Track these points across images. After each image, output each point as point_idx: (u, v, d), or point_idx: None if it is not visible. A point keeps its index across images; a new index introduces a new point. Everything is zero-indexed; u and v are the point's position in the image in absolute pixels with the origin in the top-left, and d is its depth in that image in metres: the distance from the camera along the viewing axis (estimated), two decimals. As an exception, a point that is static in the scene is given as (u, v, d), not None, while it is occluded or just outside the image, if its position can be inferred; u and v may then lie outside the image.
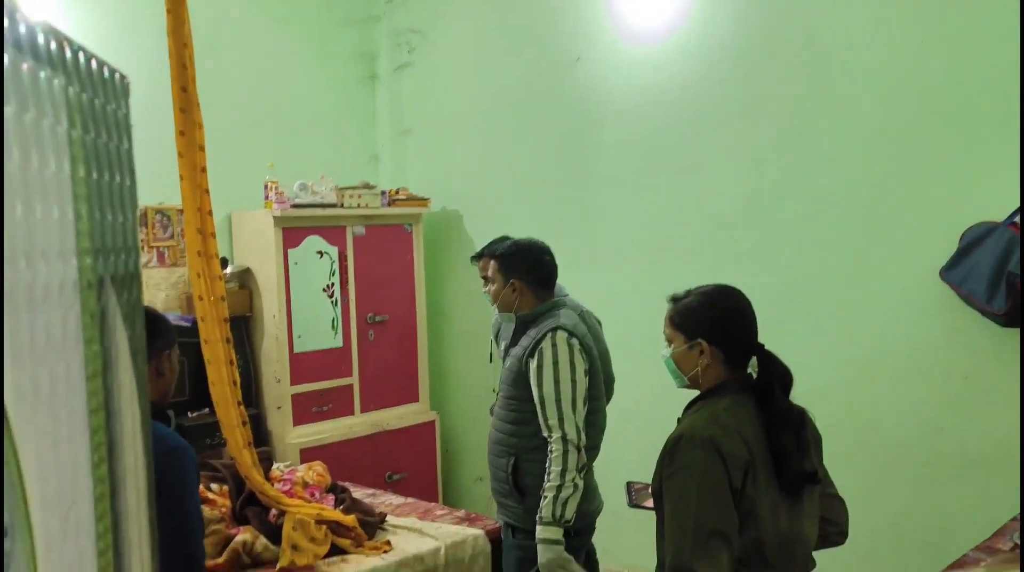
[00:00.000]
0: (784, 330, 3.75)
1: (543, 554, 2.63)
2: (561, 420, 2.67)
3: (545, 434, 2.72)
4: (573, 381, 2.70)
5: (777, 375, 1.97)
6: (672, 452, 1.85)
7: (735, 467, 1.81)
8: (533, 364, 2.75)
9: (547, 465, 2.68)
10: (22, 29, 0.63)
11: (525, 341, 2.84)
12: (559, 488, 2.64)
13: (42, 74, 0.64)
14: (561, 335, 2.74)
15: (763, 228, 3.83)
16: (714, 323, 2.00)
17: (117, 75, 0.84)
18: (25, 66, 0.62)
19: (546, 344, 2.74)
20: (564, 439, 2.66)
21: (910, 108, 3.38)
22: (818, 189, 3.65)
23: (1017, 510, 2.64)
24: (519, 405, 2.83)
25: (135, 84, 1.31)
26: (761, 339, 2.04)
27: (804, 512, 1.95)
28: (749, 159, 3.87)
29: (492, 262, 2.97)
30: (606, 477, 3.16)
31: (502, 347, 3.39)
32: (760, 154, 3.83)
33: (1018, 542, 2.33)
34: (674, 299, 2.09)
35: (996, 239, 3.04)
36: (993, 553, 2.33)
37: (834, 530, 2.09)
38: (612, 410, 3.10)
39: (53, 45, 0.68)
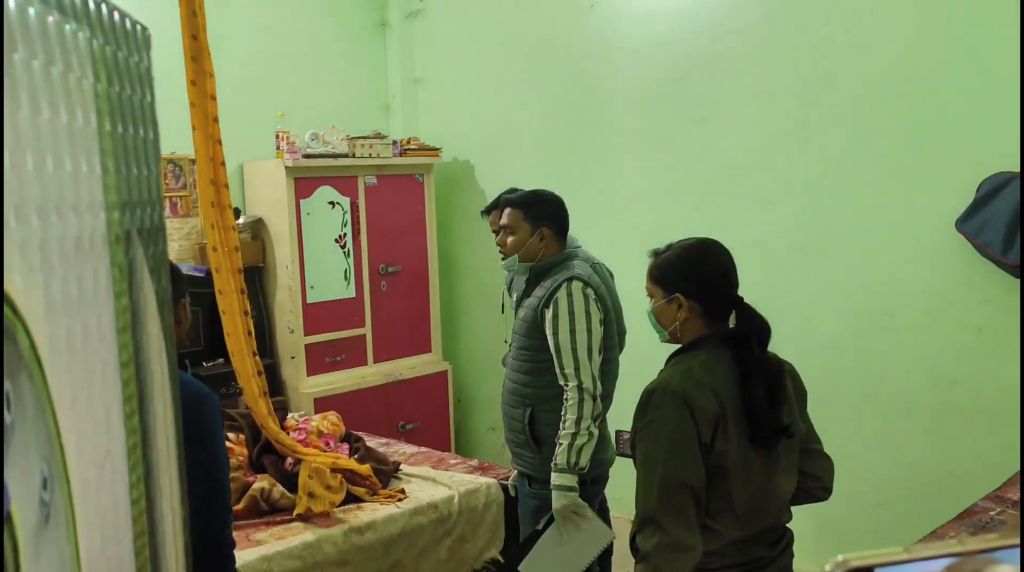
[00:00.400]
0: (798, 280, 3.77)
1: (557, 500, 2.66)
2: (577, 369, 2.69)
3: (561, 383, 2.73)
4: (589, 330, 2.71)
5: (754, 328, 1.97)
6: (645, 405, 1.89)
7: (704, 422, 1.84)
8: (548, 314, 2.75)
9: (562, 413, 2.70)
10: (46, -19, 0.63)
11: (539, 292, 2.84)
12: (574, 436, 2.66)
13: (67, 27, 0.64)
14: (576, 285, 2.74)
15: (777, 177, 3.80)
16: (691, 277, 2.01)
17: (139, 27, 0.84)
18: (51, 19, 0.62)
19: (561, 294, 2.74)
20: (580, 388, 2.67)
21: (930, 55, 3.33)
22: (834, 138, 3.62)
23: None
24: (534, 356, 2.83)
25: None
26: (775, 288, 2.05)
27: (779, 466, 1.96)
28: (764, 108, 3.83)
29: (515, 211, 2.94)
30: (616, 427, 3.19)
31: (514, 298, 3.40)
32: (775, 103, 3.78)
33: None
34: (654, 254, 2.10)
35: (1013, 190, 3.01)
36: (1003, 502, 2.35)
37: (816, 485, 2.09)
38: (623, 360, 3.11)
39: (77, -3, 0.68)
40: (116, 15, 0.77)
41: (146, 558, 0.78)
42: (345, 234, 4.76)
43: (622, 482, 3.40)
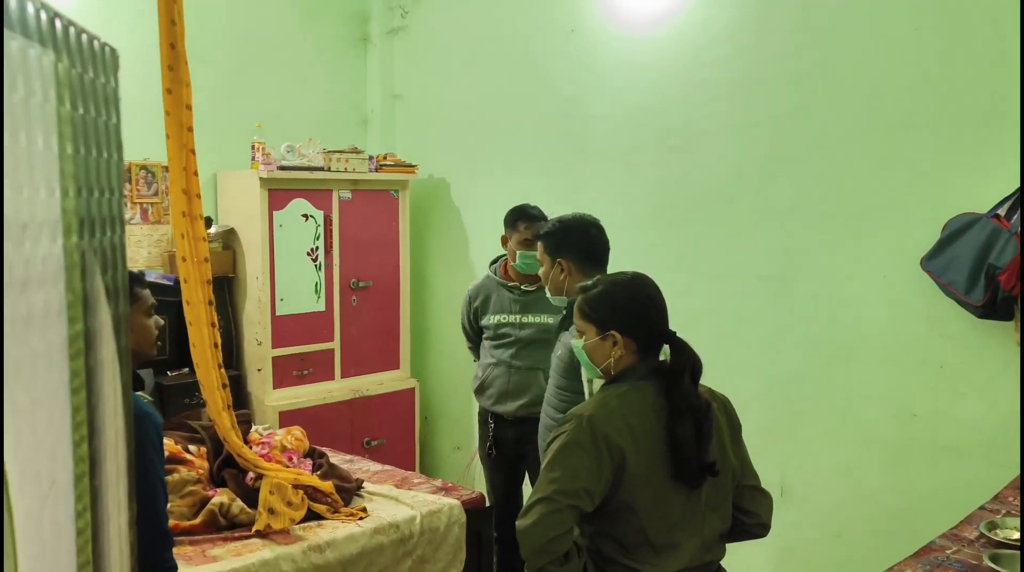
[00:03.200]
0: (764, 310, 3.80)
1: None
2: None
3: None
4: None
5: (688, 363, 1.97)
6: (558, 426, 1.96)
7: (609, 448, 1.86)
8: None
9: None
10: (12, 3, 0.62)
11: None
12: None
13: (31, 51, 0.64)
14: None
15: (748, 208, 3.84)
16: (627, 314, 2.00)
17: (107, 48, 0.83)
18: (15, 44, 0.61)
19: None
20: None
21: (901, 95, 3.38)
22: (806, 172, 3.66)
23: (985, 498, 2.69)
24: (571, 397, 2.69)
25: (121, 38, 1.30)
26: (741, 317, 2.07)
27: (702, 502, 1.95)
28: (736, 138, 3.87)
29: (540, 244, 2.84)
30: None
31: (495, 320, 3.46)
32: (749, 134, 3.83)
33: (984, 532, 2.37)
34: (583, 289, 2.08)
35: (978, 231, 3.06)
36: (959, 541, 2.37)
37: (752, 521, 2.07)
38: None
39: (44, 19, 0.67)
40: (84, 37, 0.76)
41: (90, 586, 0.76)
42: (317, 247, 4.74)
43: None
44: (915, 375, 3.38)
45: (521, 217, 3.52)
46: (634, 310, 2.00)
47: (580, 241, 2.76)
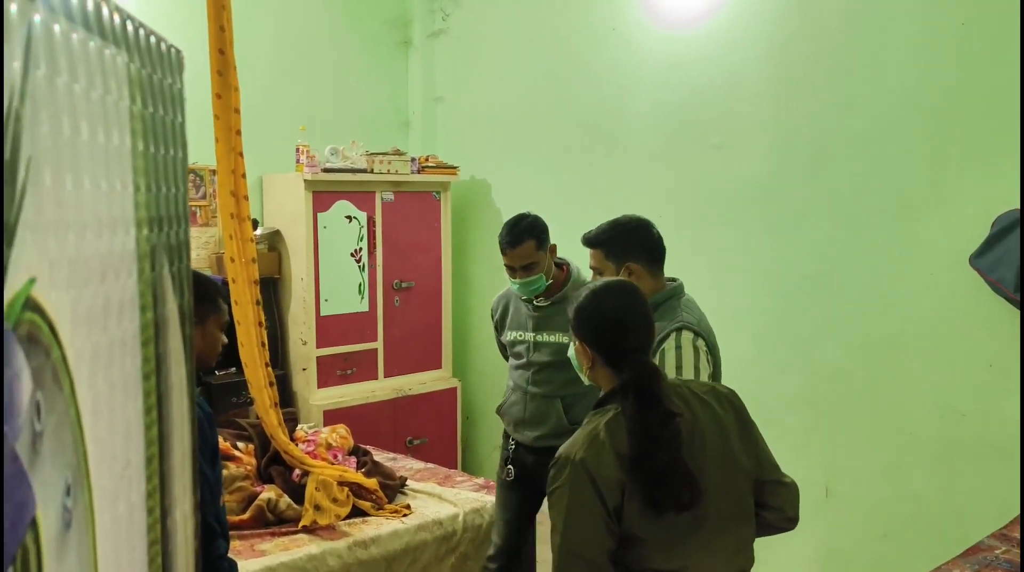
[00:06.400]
0: (807, 308, 3.77)
1: None
2: None
3: None
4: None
5: (631, 388, 1.86)
6: (554, 472, 1.86)
7: (608, 488, 1.79)
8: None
9: None
10: (89, 6, 0.66)
11: None
12: None
13: (107, 51, 0.67)
14: (687, 336, 2.40)
15: (791, 206, 3.82)
16: (587, 326, 1.95)
17: (173, 50, 0.87)
18: (92, 44, 0.64)
19: (669, 345, 2.41)
20: None
21: (946, 90, 3.34)
22: (849, 168, 3.63)
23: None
24: None
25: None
26: (785, 316, 1.96)
27: (710, 515, 1.85)
28: (780, 136, 3.85)
29: (597, 251, 2.60)
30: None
31: (511, 336, 3.19)
32: (791, 132, 3.80)
33: (1034, 531, 2.34)
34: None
35: (1028, 227, 3.01)
36: (1008, 541, 2.34)
37: (776, 516, 1.98)
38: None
39: (116, 22, 0.71)
40: (152, 39, 0.80)
41: (159, 566, 0.80)
42: (361, 249, 4.80)
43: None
44: (963, 374, 3.34)
45: (502, 243, 3.08)
46: (593, 323, 1.94)
47: (645, 241, 2.59)
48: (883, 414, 3.57)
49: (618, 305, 1.94)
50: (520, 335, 3.18)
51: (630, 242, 2.56)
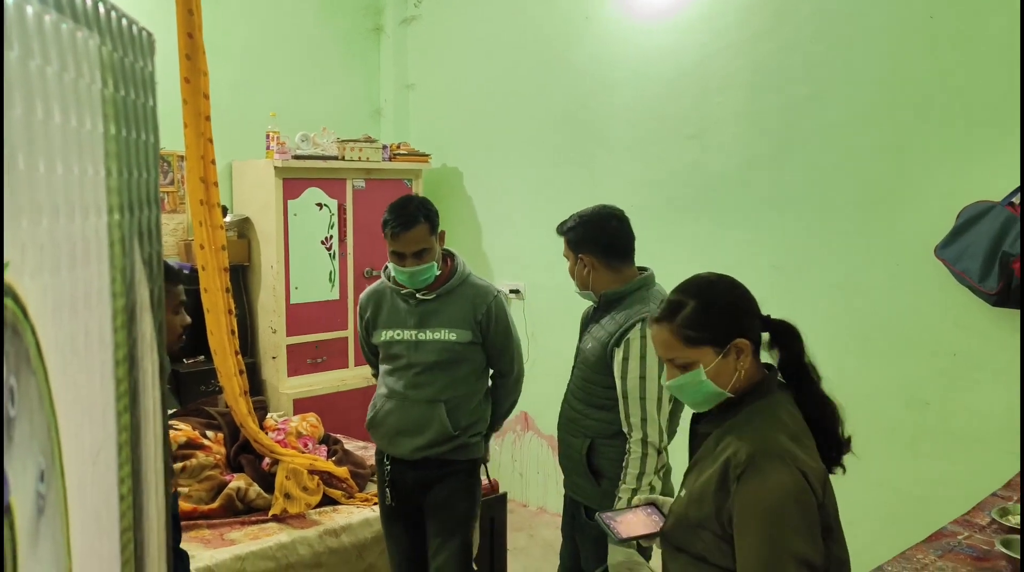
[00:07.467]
0: (778, 298, 3.80)
1: (613, 555, 2.37)
2: (644, 420, 2.42)
3: (624, 430, 2.48)
4: (660, 378, 2.40)
5: (802, 348, 1.82)
6: (750, 471, 1.59)
7: (820, 478, 1.63)
8: (619, 355, 2.48)
9: (624, 463, 2.46)
10: (60, -12, 0.65)
11: (610, 325, 2.54)
12: (634, 491, 2.41)
13: (80, 34, 0.66)
14: None
15: (762, 196, 3.85)
16: (739, 313, 1.79)
17: (144, 32, 0.86)
18: (65, 27, 0.64)
19: (634, 334, 2.45)
20: (644, 441, 2.42)
21: (915, 83, 3.38)
22: (819, 160, 3.67)
23: (998, 485, 2.70)
24: (599, 391, 2.57)
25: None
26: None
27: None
28: (751, 127, 3.88)
29: (564, 240, 2.66)
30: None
31: (386, 336, 2.87)
32: (763, 123, 3.83)
33: (996, 518, 2.39)
34: (668, 314, 1.77)
35: (992, 219, 3.06)
36: (971, 527, 2.39)
37: None
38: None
39: (88, 3, 0.70)
40: (124, 21, 0.79)
41: (131, 552, 0.79)
42: (331, 236, 4.77)
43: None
44: (928, 363, 3.39)
45: (390, 226, 2.87)
46: (742, 305, 1.75)
47: (600, 235, 2.60)
48: (849, 403, 3.59)
49: (735, 281, 1.82)
50: (398, 334, 2.82)
51: (586, 234, 2.60)
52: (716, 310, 1.71)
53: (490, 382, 2.96)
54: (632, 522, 1.93)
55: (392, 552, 2.98)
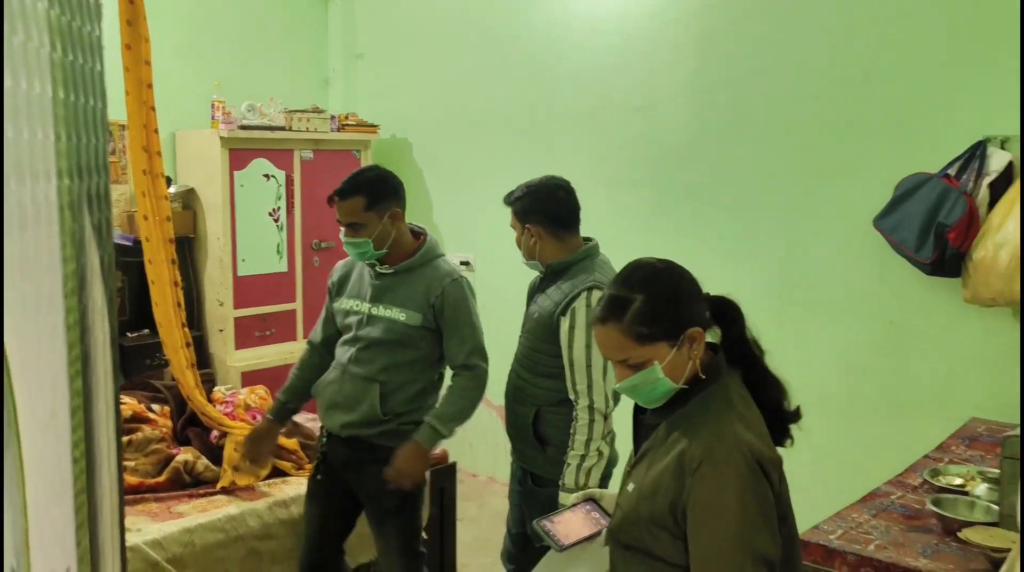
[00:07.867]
0: (722, 269, 3.88)
1: (565, 500, 2.39)
2: (590, 387, 2.47)
3: (571, 397, 2.52)
4: None
5: (743, 325, 1.77)
6: (705, 465, 1.54)
7: (775, 465, 1.60)
8: (564, 324, 2.51)
9: (571, 430, 2.49)
10: (6, -50, 0.64)
11: (556, 295, 2.58)
12: (583, 457, 2.45)
13: (27, -4, 0.66)
14: (597, 295, 2.45)
15: (710, 169, 3.91)
16: (690, 301, 1.68)
17: (91, -3, 0.85)
18: (12, -12, 0.63)
19: (579, 304, 2.50)
20: (591, 408, 2.47)
21: (858, 58, 3.45)
22: (765, 133, 3.73)
23: (929, 448, 2.81)
24: (545, 360, 2.60)
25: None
26: (700, 277, 1.80)
27: None
28: (700, 100, 3.92)
29: (511, 210, 2.68)
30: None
31: (345, 305, 2.79)
32: (710, 96, 3.88)
33: (927, 478, 2.49)
34: (610, 312, 1.64)
35: (928, 190, 3.16)
36: (903, 487, 2.48)
37: None
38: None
39: (34, -34, 0.69)
40: (71, -15, 0.78)
41: (85, 515, 0.80)
42: (279, 208, 4.73)
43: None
44: (866, 331, 3.50)
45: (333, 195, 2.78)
46: (689, 290, 1.65)
47: (546, 205, 2.62)
48: (791, 370, 3.68)
49: (678, 266, 1.70)
50: (356, 305, 2.76)
51: (533, 204, 2.63)
52: (664, 301, 1.60)
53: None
54: (572, 523, 1.83)
55: (305, 528, 2.91)
